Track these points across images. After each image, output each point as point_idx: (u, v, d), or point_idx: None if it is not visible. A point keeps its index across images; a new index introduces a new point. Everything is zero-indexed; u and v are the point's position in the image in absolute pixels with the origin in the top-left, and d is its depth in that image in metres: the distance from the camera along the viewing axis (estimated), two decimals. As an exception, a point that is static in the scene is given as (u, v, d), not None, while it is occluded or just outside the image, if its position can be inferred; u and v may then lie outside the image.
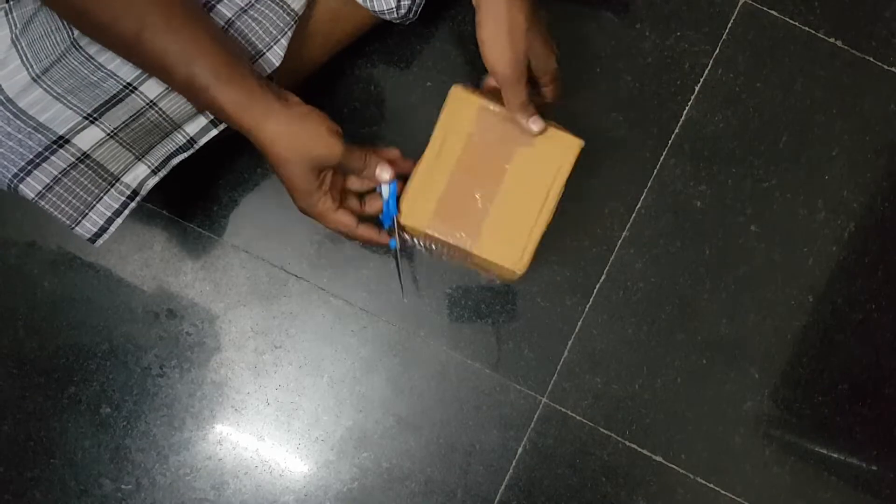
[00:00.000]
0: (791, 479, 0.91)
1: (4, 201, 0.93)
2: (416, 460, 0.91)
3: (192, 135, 0.73)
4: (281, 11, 0.72)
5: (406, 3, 0.79)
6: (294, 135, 0.66)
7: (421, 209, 0.73)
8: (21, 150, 0.68)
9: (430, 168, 0.74)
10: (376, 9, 0.79)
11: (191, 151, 0.74)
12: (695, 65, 0.97)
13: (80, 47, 0.66)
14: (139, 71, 0.67)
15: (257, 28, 0.71)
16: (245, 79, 0.64)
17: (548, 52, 0.72)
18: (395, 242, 0.75)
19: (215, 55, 0.63)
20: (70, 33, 0.67)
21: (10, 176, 0.68)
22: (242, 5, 0.71)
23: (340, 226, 0.72)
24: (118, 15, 0.61)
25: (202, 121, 0.72)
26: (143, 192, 0.74)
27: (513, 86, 0.71)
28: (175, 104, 0.70)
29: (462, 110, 0.73)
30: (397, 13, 0.79)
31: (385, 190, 0.73)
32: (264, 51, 0.71)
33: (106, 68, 0.67)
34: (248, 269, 0.93)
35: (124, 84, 0.67)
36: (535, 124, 0.73)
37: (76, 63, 0.66)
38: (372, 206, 0.75)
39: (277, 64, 0.72)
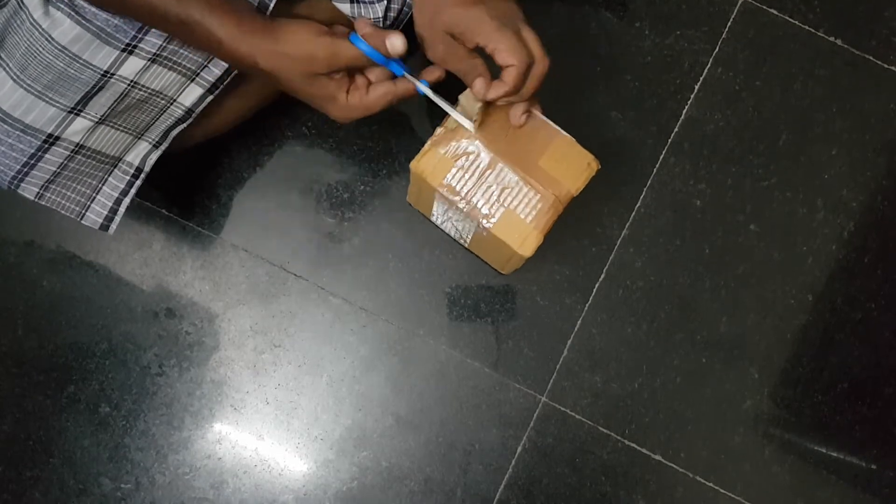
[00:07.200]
0: (790, 478, 0.91)
1: (3, 200, 0.93)
2: (416, 459, 0.91)
3: (188, 106, 0.73)
4: None
5: (391, 15, 0.80)
6: (290, 51, 0.66)
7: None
8: (14, 153, 0.68)
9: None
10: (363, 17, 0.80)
11: (189, 121, 0.74)
12: (694, 63, 0.97)
13: (52, 38, 0.66)
14: (113, 58, 0.67)
15: None
16: (236, 9, 0.64)
17: (478, 28, 0.67)
18: (422, 83, 0.72)
19: None
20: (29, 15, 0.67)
21: (7, 180, 0.69)
22: None
23: (384, 101, 0.71)
24: None
25: (197, 90, 0.72)
26: (147, 167, 0.73)
27: (427, 46, 0.71)
28: (157, 77, 0.69)
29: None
30: (382, 25, 0.80)
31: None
32: None
33: (80, 58, 0.66)
34: (248, 268, 0.93)
35: (101, 73, 0.67)
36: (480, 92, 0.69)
37: (50, 57, 0.66)
38: (403, 88, 0.72)
39: None
